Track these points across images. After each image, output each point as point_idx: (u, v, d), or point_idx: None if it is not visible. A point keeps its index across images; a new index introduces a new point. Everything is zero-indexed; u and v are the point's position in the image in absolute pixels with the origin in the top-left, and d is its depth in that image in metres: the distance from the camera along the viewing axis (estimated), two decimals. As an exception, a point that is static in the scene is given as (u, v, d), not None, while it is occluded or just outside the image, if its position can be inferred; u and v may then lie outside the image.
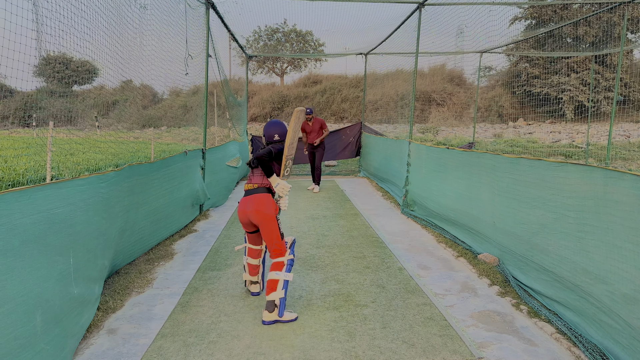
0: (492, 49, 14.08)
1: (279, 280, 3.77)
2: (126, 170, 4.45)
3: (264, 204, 3.84)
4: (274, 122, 4.20)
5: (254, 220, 3.87)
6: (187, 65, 6.17)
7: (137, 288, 4.46)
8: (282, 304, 3.74)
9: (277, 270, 3.82)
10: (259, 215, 3.82)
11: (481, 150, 5.55)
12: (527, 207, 4.42)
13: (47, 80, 34.10)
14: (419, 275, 4.81)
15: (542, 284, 4.15)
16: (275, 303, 3.73)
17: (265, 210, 3.82)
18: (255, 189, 3.93)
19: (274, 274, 3.79)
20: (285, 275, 3.81)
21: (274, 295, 3.72)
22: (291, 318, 3.76)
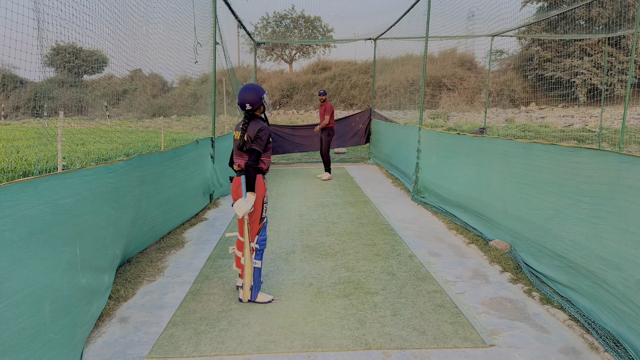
0: (503, 32, 13.85)
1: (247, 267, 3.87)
2: (136, 160, 4.45)
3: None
4: (245, 88, 3.82)
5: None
6: (197, 54, 6.13)
7: (148, 276, 4.48)
8: (255, 288, 3.86)
9: None
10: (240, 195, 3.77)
11: (493, 136, 5.47)
12: (540, 192, 4.36)
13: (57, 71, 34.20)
14: (430, 263, 4.79)
15: (555, 270, 4.11)
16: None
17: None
18: (243, 170, 3.81)
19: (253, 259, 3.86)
20: (254, 262, 3.84)
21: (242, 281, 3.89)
22: (266, 300, 3.87)
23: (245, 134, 3.71)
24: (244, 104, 3.74)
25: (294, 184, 9.38)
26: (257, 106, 3.77)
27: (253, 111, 3.78)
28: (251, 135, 3.70)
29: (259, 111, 3.86)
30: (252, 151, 3.67)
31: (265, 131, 3.73)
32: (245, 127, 3.73)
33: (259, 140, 3.69)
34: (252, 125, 3.73)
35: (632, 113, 23.18)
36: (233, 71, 9.17)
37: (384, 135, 11.42)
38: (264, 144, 3.71)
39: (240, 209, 3.63)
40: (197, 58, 6.18)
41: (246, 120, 3.76)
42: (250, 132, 3.71)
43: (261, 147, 3.69)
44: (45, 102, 11.36)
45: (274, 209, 7.21)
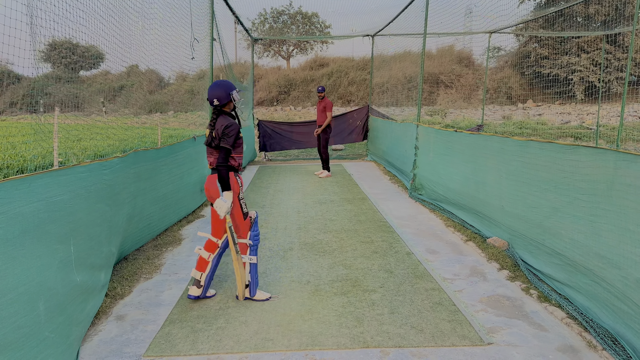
0: (501, 29, 13.85)
1: (245, 264, 3.83)
2: (131, 156, 4.42)
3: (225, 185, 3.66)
4: (214, 84, 3.74)
5: (213, 198, 3.73)
6: (194, 49, 6.09)
7: (145, 274, 4.46)
8: (253, 284, 3.83)
9: (242, 254, 3.85)
10: (218, 196, 3.70)
11: (489, 133, 5.46)
12: (537, 190, 4.35)
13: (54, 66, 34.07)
14: (427, 260, 4.78)
15: (553, 268, 4.10)
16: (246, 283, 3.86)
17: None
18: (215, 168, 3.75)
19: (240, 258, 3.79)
20: (249, 258, 3.82)
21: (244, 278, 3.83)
22: (264, 297, 3.86)
23: (213, 130, 3.67)
24: (212, 99, 3.69)
25: (292, 181, 9.36)
26: (224, 102, 3.71)
27: (221, 107, 3.72)
28: (219, 131, 3.63)
29: (227, 107, 3.79)
30: (221, 149, 3.60)
31: (233, 127, 3.65)
32: (213, 123, 3.69)
33: (226, 137, 3.61)
34: (220, 122, 3.67)
35: (629, 110, 23.22)
36: (230, 67, 9.13)
37: (382, 132, 11.41)
38: (232, 140, 3.63)
39: (220, 209, 3.58)
40: (194, 54, 6.14)
41: (214, 116, 3.71)
42: (218, 128, 3.64)
43: (229, 144, 3.61)
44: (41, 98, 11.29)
45: (271, 206, 7.19)
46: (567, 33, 19.21)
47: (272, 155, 13.43)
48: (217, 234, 3.87)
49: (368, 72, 30.89)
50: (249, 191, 8.38)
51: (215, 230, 3.87)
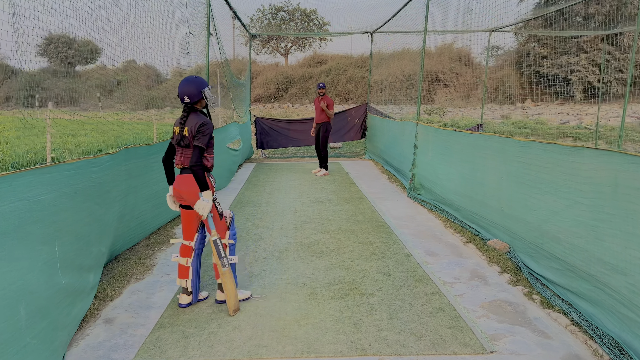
0: (501, 27, 13.75)
1: None
2: (122, 153, 4.29)
3: (195, 185, 3.48)
4: (185, 80, 3.52)
5: (188, 201, 3.54)
6: (189, 44, 5.95)
7: (136, 275, 4.33)
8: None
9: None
10: (192, 196, 3.50)
11: (489, 133, 5.35)
12: (537, 192, 4.24)
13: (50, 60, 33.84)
14: (427, 263, 4.66)
15: (554, 273, 4.00)
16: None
17: (196, 189, 3.48)
18: (186, 168, 3.54)
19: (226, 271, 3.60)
20: (230, 258, 3.68)
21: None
22: (244, 297, 3.77)
23: (184, 128, 3.48)
24: (182, 96, 3.48)
25: (288, 179, 9.23)
26: (196, 100, 3.50)
27: (192, 104, 3.52)
28: (192, 129, 3.43)
29: (199, 105, 3.58)
30: (195, 148, 3.39)
31: (208, 126, 3.46)
32: (183, 121, 3.49)
33: (200, 135, 3.41)
34: (192, 119, 3.48)
35: (628, 111, 23.16)
36: (227, 63, 8.99)
37: (380, 131, 11.29)
38: (206, 139, 3.44)
39: (203, 209, 3.42)
40: (190, 49, 6.00)
41: (184, 114, 3.51)
42: (191, 125, 3.45)
43: (204, 143, 3.41)
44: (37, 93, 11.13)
45: (267, 205, 7.07)
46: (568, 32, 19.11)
47: (269, 152, 13.31)
48: (189, 236, 3.70)
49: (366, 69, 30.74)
50: (245, 189, 8.25)
51: (186, 233, 3.70)
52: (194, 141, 3.43)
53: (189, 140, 3.46)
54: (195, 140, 3.43)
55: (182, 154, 3.55)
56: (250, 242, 5.30)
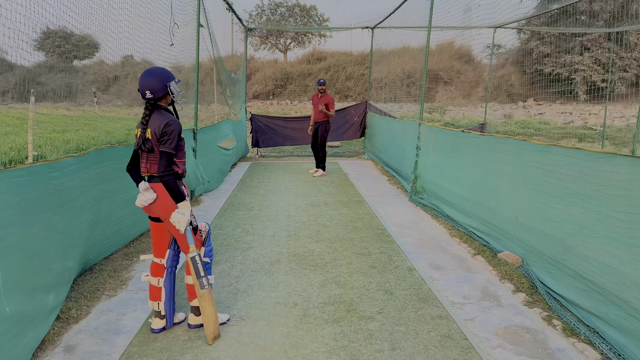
0: (506, 24, 13.30)
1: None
2: (92, 155, 3.83)
3: (167, 196, 3.01)
4: (148, 72, 3.03)
5: (159, 214, 3.07)
6: (173, 35, 5.49)
7: (108, 290, 3.88)
8: None
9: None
10: (163, 209, 3.03)
11: (503, 135, 4.89)
12: (559, 203, 3.79)
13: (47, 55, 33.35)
14: (432, 278, 4.21)
15: (578, 294, 3.55)
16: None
17: (168, 204, 3.01)
18: (153, 177, 3.06)
19: (192, 278, 3.13)
20: (209, 278, 3.20)
21: (197, 301, 3.18)
22: (222, 320, 3.32)
23: (146, 130, 2.98)
24: (144, 91, 2.97)
25: (284, 180, 8.77)
26: (160, 95, 3.00)
27: (155, 101, 3.03)
28: (156, 131, 2.94)
29: (163, 101, 3.08)
30: (162, 154, 2.92)
31: (174, 125, 2.97)
32: (145, 121, 2.99)
33: (166, 138, 2.93)
34: (156, 119, 2.98)
35: (632, 111, 22.72)
36: (221, 59, 8.52)
37: (380, 130, 10.82)
38: (174, 142, 2.95)
39: (180, 222, 2.95)
40: (177, 41, 5.53)
41: (146, 112, 3.00)
42: (154, 126, 2.95)
43: (172, 147, 2.94)
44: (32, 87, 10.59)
45: (260, 209, 6.61)
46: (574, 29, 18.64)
47: (265, 151, 12.84)
48: (160, 253, 3.23)
49: (366, 66, 30.23)
50: (238, 191, 7.79)
51: (157, 249, 3.24)
52: (160, 146, 2.95)
53: (153, 144, 2.98)
54: (161, 144, 2.95)
55: (147, 160, 3.06)
56: (239, 251, 4.85)
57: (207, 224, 3.35)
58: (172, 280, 3.25)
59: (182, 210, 2.97)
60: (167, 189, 2.93)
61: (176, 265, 3.28)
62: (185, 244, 3.09)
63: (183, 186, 3.15)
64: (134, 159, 3.17)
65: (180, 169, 3.10)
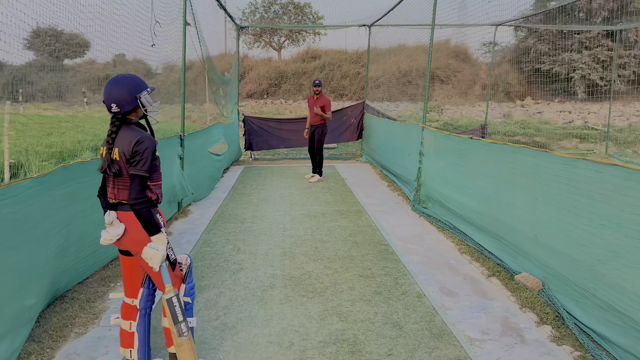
0: (507, 21, 12.89)
1: None
2: (58, 174, 3.36)
3: (138, 227, 2.56)
4: (115, 80, 2.55)
5: (130, 248, 2.63)
6: (155, 35, 5.01)
7: (78, 326, 3.41)
8: None
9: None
10: (134, 243, 2.58)
11: (520, 145, 4.45)
12: (589, 224, 3.35)
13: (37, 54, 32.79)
14: (445, 307, 3.76)
15: (612, 330, 3.12)
16: None
17: (140, 236, 2.56)
18: (122, 204, 2.60)
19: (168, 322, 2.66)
20: (189, 321, 2.73)
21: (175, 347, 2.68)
22: None
23: (112, 150, 2.52)
24: (109, 104, 2.52)
25: (278, 187, 8.31)
26: (128, 108, 2.54)
27: (123, 115, 2.57)
28: (124, 150, 2.49)
29: (134, 115, 2.62)
30: (133, 178, 2.48)
31: (147, 143, 2.51)
32: (112, 139, 2.53)
33: (138, 158, 2.48)
34: (125, 136, 2.52)
35: (631, 110, 22.40)
36: (210, 58, 8.04)
37: (379, 132, 10.36)
38: (147, 163, 2.50)
39: (154, 259, 2.48)
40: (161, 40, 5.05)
41: (113, 128, 2.54)
42: (122, 145, 2.50)
43: (145, 169, 2.49)
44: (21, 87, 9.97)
45: (253, 221, 6.15)
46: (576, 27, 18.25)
47: (259, 154, 12.37)
48: (132, 292, 2.77)
49: (362, 65, 29.78)
50: (229, 199, 7.32)
51: (128, 288, 2.78)
52: (131, 168, 2.48)
53: (121, 166, 2.52)
54: (131, 166, 2.48)
55: (115, 185, 2.59)
56: (228, 274, 4.38)
57: (187, 256, 2.88)
58: (146, 323, 2.78)
59: (156, 245, 2.50)
60: (139, 220, 2.46)
61: (151, 306, 2.81)
62: (161, 283, 2.62)
63: (159, 214, 2.69)
64: (105, 182, 2.71)
65: (155, 195, 2.64)
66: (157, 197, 2.65)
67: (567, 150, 13.91)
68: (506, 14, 10.89)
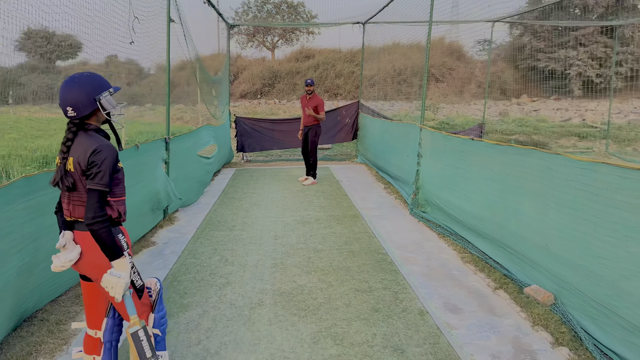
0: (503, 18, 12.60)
1: None
2: (19, 185, 3.00)
3: (98, 249, 2.21)
4: (71, 80, 2.20)
5: (88, 273, 2.30)
6: (135, 32, 4.66)
7: (44, 354, 3.06)
8: None
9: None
10: (93, 268, 2.25)
11: (527, 147, 4.13)
12: (611, 236, 3.03)
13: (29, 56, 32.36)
14: (450, 326, 3.44)
15: (637, 354, 2.80)
16: None
17: (99, 260, 2.22)
18: (79, 222, 2.27)
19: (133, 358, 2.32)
20: (159, 356, 2.40)
21: None
22: None
23: (67, 160, 2.20)
24: (65, 106, 2.19)
25: (271, 190, 7.96)
26: (86, 112, 2.20)
27: (81, 120, 2.23)
28: (80, 160, 2.16)
29: (94, 120, 2.28)
30: (90, 193, 2.14)
31: (105, 152, 2.17)
32: (67, 148, 2.20)
33: (95, 170, 2.14)
34: (81, 144, 2.18)
35: (628, 107, 22.18)
36: (198, 58, 7.68)
37: (374, 132, 10.03)
38: (106, 175, 2.16)
39: (115, 288, 2.13)
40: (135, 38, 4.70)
41: (69, 135, 2.22)
42: (78, 154, 2.17)
43: (104, 183, 2.15)
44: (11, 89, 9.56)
45: (243, 227, 5.81)
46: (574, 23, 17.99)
47: (251, 155, 12.02)
48: (95, 322, 2.43)
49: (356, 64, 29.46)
50: (219, 205, 6.97)
51: (91, 318, 2.44)
52: (87, 181, 2.14)
53: (76, 179, 2.18)
54: (88, 179, 2.15)
55: (70, 201, 2.25)
56: (214, 289, 4.04)
57: (157, 280, 2.54)
58: (113, 356, 2.44)
59: (117, 272, 2.16)
60: (97, 242, 2.12)
61: (118, 338, 2.47)
62: (125, 314, 2.28)
63: (122, 234, 2.34)
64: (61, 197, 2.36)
65: (116, 212, 2.29)
66: (119, 214, 2.31)
67: (565, 148, 13.64)
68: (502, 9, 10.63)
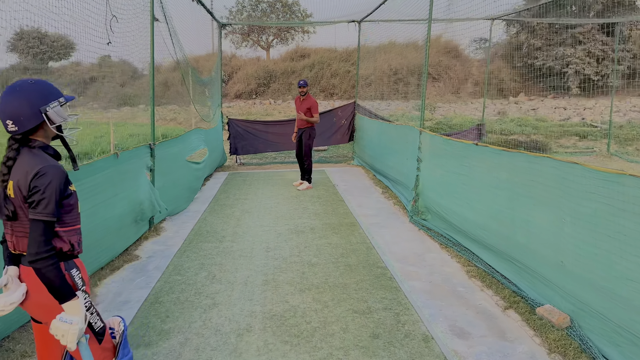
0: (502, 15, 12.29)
1: None
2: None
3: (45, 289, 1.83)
4: (12, 89, 1.86)
5: (37, 316, 1.98)
6: (112, 32, 4.31)
7: (2, 395, 2.72)
8: None
9: None
10: (42, 309, 1.92)
11: (539, 154, 3.80)
12: (638, 254, 2.71)
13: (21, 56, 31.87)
14: (458, 355, 3.10)
15: (673, 389, 2.48)
16: None
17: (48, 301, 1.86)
18: (25, 256, 1.92)
19: None
20: None
21: None
22: None
23: (7, 184, 1.88)
24: (4, 120, 1.86)
25: (264, 196, 7.62)
26: (30, 126, 1.87)
27: (24, 135, 1.89)
28: (20, 184, 1.83)
29: (40, 135, 1.93)
30: (33, 224, 1.80)
31: (50, 175, 1.82)
32: (7, 169, 1.88)
33: (38, 197, 1.80)
34: (23, 164, 1.85)
35: (626, 105, 21.94)
36: (186, 59, 7.33)
37: (371, 134, 9.70)
38: (51, 202, 1.81)
39: (67, 336, 1.79)
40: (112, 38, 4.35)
41: (10, 154, 1.89)
42: (18, 177, 1.84)
43: (48, 212, 1.80)
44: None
45: (233, 238, 5.47)
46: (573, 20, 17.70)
47: (245, 158, 11.68)
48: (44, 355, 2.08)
49: (352, 63, 29.10)
50: (209, 212, 6.63)
51: (40, 348, 2.09)
52: (30, 210, 1.80)
53: (16, 206, 1.85)
54: (30, 207, 1.80)
55: (13, 232, 1.91)
56: (198, 312, 3.70)
57: (121, 319, 2.19)
58: None
59: (68, 316, 1.81)
60: (43, 282, 1.78)
61: None
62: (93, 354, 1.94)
63: (77, 268, 1.99)
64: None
65: (68, 244, 1.94)
66: (72, 246, 1.96)
67: (566, 148, 13.36)
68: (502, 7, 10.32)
